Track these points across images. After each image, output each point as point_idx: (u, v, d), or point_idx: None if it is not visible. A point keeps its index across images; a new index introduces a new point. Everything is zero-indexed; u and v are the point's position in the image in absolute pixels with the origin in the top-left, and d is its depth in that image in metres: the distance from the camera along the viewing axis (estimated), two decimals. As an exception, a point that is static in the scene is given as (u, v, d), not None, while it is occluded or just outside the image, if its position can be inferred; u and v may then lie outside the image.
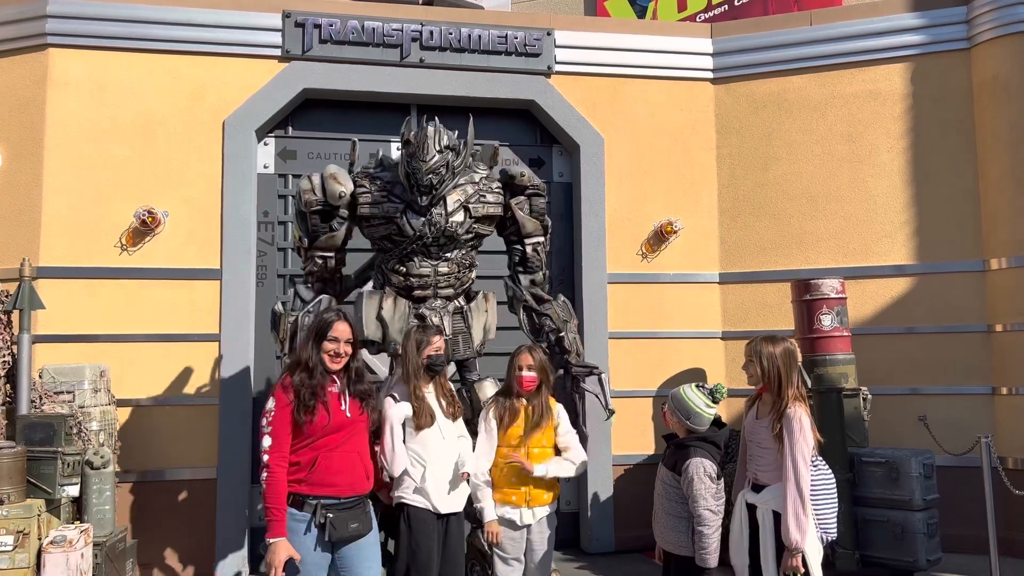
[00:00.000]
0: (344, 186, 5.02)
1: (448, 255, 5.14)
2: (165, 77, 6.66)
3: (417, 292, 5.07)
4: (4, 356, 5.62)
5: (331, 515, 3.54)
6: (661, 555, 4.17)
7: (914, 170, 7.19)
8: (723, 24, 7.77)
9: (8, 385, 5.57)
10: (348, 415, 3.68)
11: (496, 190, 5.26)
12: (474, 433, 4.47)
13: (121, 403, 6.23)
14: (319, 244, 5.12)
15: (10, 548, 4.60)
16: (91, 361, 6.01)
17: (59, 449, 5.08)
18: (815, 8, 8.09)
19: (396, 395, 4.26)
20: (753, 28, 7.62)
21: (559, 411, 4.50)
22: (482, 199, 5.19)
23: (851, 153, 7.31)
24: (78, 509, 5.32)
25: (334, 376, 3.72)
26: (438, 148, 4.87)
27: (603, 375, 5.16)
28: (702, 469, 3.89)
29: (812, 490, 3.82)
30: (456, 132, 5.05)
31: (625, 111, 7.45)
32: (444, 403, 4.31)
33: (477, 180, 5.21)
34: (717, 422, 4.17)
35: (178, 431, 6.37)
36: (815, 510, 3.85)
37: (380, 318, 4.96)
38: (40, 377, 5.73)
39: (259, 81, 6.78)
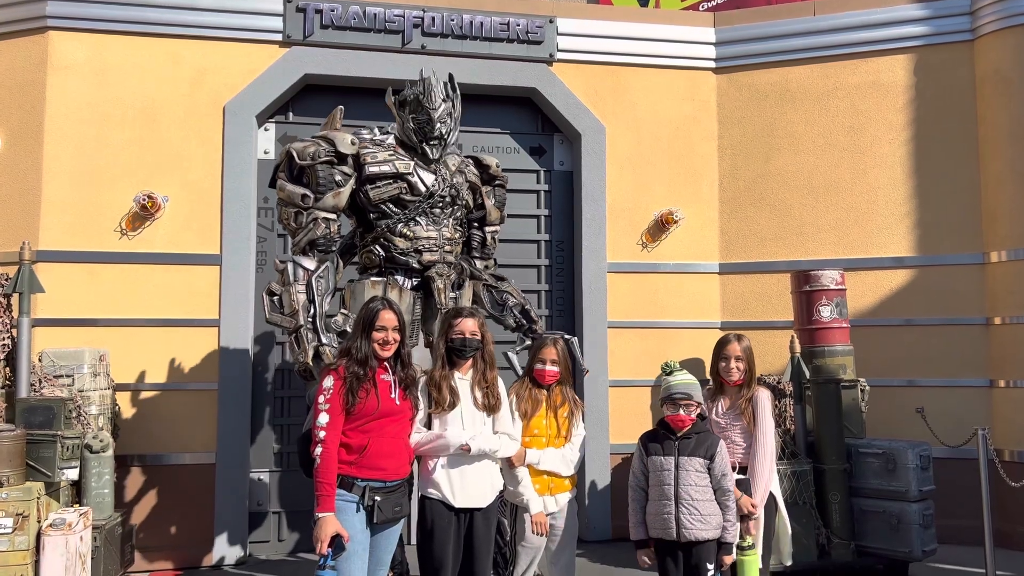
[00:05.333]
0: (351, 135, 5.07)
1: (449, 220, 5.28)
2: (166, 61, 6.64)
3: (426, 256, 5.12)
4: (3, 339, 5.61)
5: (378, 498, 3.62)
6: (652, 550, 4.15)
7: (915, 162, 7.18)
8: (726, 13, 7.74)
9: (7, 368, 5.56)
10: (397, 402, 3.76)
11: (473, 169, 5.56)
12: None
13: (120, 387, 6.25)
14: (323, 204, 4.93)
15: (9, 530, 4.61)
16: (90, 345, 6.01)
17: (58, 432, 5.08)
18: (818, -2, 8.05)
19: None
20: (756, 18, 7.60)
21: (575, 404, 4.51)
22: (468, 168, 5.50)
23: (853, 144, 7.30)
24: (77, 492, 5.33)
25: (385, 363, 3.78)
26: (443, 96, 5.08)
27: (572, 339, 5.41)
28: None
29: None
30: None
31: (627, 100, 7.43)
32: (479, 394, 4.01)
33: (459, 153, 5.51)
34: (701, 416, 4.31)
35: (177, 416, 6.38)
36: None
37: None
38: (39, 361, 5.73)
39: (260, 66, 6.76)
